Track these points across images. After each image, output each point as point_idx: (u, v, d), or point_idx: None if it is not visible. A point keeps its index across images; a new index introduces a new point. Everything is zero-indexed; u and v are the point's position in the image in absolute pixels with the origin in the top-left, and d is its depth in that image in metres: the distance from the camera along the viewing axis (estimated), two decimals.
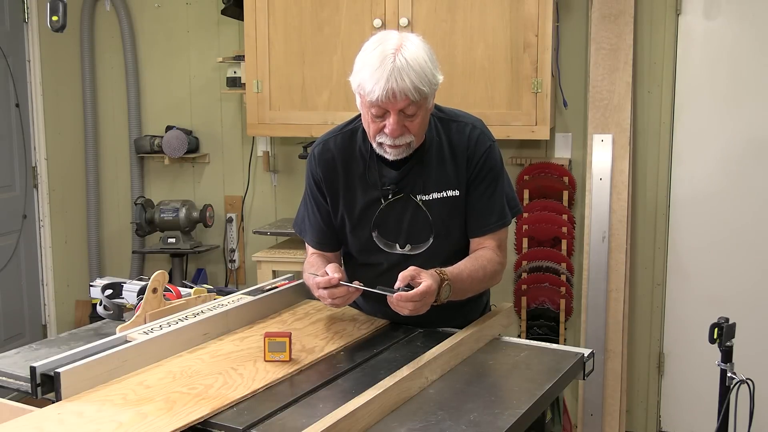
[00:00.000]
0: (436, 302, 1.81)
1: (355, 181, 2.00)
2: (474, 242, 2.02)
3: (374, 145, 1.91)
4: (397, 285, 1.76)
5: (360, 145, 1.99)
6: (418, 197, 1.96)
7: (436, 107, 2.00)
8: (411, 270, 1.78)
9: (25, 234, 4.27)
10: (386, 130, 1.84)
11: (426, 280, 1.76)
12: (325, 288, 1.84)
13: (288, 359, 1.74)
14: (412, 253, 1.99)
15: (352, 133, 2.02)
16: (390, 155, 1.90)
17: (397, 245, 2.00)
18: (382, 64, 1.77)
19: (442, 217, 1.97)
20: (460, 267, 1.92)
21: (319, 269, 1.96)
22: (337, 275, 1.84)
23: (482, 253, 1.99)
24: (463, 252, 2.02)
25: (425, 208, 1.96)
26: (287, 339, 1.75)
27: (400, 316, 1.84)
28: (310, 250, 2.14)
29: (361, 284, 1.84)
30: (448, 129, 1.98)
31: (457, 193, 1.97)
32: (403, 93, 1.77)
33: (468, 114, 2.05)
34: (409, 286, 1.76)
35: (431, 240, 1.97)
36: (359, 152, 1.99)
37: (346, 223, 2.03)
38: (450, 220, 1.98)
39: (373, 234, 2.00)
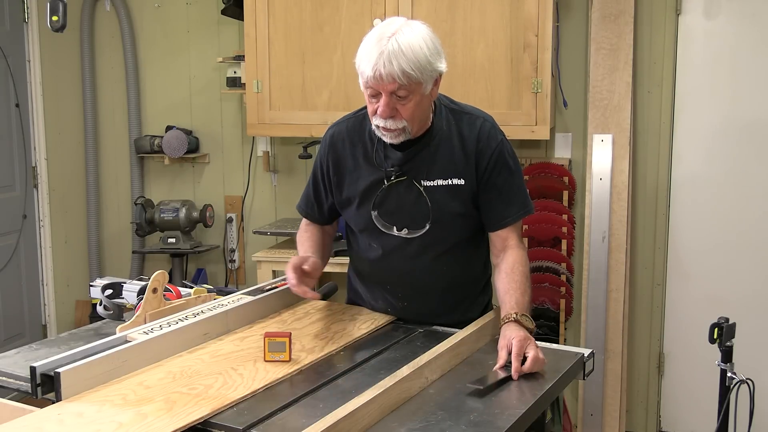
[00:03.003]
0: (531, 331, 1.82)
1: (361, 161, 2.03)
2: (495, 237, 2.01)
3: (373, 127, 1.94)
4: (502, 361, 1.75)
5: (370, 127, 2.01)
6: (422, 182, 1.97)
7: (449, 100, 2.03)
8: (514, 348, 1.74)
9: (25, 234, 4.27)
10: (378, 111, 1.87)
11: (531, 350, 1.73)
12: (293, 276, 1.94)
13: (288, 359, 1.74)
14: (409, 236, 2.00)
15: (364, 116, 2.05)
16: (386, 138, 1.92)
17: (395, 228, 2.01)
18: (376, 45, 1.81)
19: (444, 204, 1.98)
20: (516, 295, 1.89)
21: (304, 245, 2.14)
22: (294, 281, 1.93)
23: (512, 261, 1.96)
24: (468, 244, 2.05)
25: (427, 193, 1.97)
26: (287, 339, 1.75)
27: (402, 312, 2.02)
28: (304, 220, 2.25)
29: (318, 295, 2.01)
30: (459, 120, 2.00)
31: (462, 182, 1.97)
32: (390, 76, 1.79)
33: (480, 110, 2.07)
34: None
35: (428, 226, 1.98)
36: (368, 134, 2.02)
37: (351, 202, 2.06)
38: (452, 209, 1.98)
39: (373, 213, 2.02)
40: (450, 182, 1.97)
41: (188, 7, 4.08)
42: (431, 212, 1.97)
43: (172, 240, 3.97)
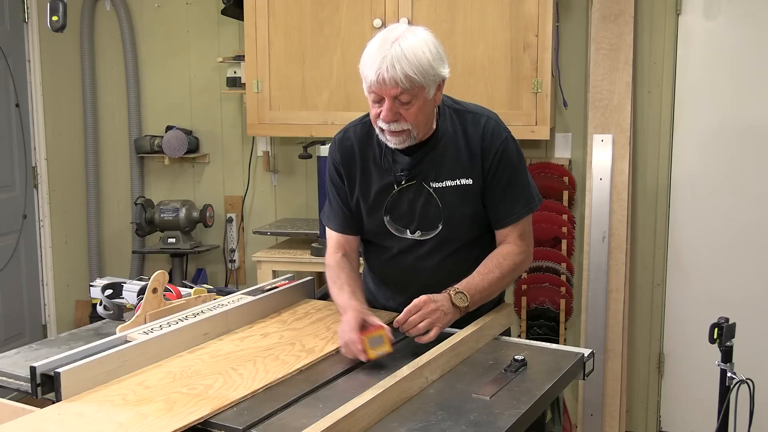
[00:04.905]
0: (461, 310, 1.87)
1: (370, 167, 2.04)
2: (498, 234, 2.04)
3: (377, 132, 1.95)
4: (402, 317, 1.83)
5: (378, 132, 2.01)
6: (431, 184, 1.99)
7: (453, 100, 2.05)
8: (414, 308, 1.83)
9: (25, 234, 4.27)
10: (381, 116, 1.88)
11: (433, 330, 1.80)
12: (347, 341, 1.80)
13: (390, 350, 1.75)
14: (422, 238, 2.02)
15: (371, 123, 2.04)
16: (391, 142, 1.93)
17: (408, 231, 2.03)
18: (379, 50, 1.82)
19: (453, 204, 2.00)
20: (473, 274, 1.96)
21: (344, 288, 1.98)
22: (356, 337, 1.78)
23: (498, 250, 2.02)
24: (477, 242, 2.05)
25: (437, 195, 1.99)
26: (383, 331, 1.76)
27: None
28: (331, 242, 2.14)
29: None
30: (464, 120, 2.02)
31: (470, 181, 1.99)
32: (393, 80, 1.80)
33: (483, 107, 2.08)
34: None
35: (440, 227, 2.00)
36: (377, 139, 2.02)
37: (361, 207, 2.07)
38: (462, 209, 2.00)
39: (385, 219, 2.03)
40: (458, 183, 1.99)
41: (188, 7, 4.08)
42: (442, 213, 1.99)
43: (172, 240, 3.97)
